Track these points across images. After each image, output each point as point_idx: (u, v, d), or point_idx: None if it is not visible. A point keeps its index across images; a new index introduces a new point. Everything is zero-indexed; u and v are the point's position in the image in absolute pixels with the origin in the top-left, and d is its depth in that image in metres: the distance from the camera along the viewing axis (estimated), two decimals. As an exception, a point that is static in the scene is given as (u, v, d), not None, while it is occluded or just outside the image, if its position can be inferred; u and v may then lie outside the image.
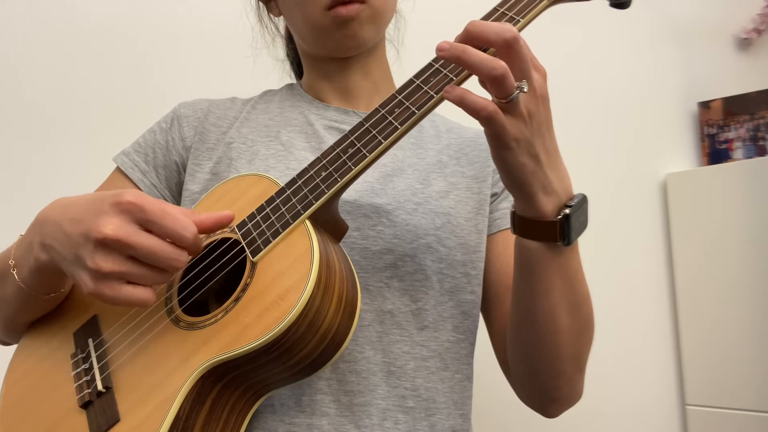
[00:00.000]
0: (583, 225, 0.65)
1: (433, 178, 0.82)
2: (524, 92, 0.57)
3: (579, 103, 1.74)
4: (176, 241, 0.59)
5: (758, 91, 1.80)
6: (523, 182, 0.62)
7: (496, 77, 0.56)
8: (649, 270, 1.81)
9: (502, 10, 0.66)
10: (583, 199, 0.64)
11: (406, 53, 1.02)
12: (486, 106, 0.57)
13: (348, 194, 0.74)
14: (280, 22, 0.98)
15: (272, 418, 0.68)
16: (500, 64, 0.56)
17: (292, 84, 0.95)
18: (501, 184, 0.86)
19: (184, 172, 0.84)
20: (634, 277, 1.78)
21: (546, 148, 0.62)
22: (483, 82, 0.59)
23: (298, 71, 1.01)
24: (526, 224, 0.65)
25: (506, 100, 0.57)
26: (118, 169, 0.86)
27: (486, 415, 0.94)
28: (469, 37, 0.59)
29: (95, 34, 1.26)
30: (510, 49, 0.57)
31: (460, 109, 0.58)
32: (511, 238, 0.72)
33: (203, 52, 1.33)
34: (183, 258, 0.59)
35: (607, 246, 1.74)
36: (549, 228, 0.63)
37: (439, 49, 0.59)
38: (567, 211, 0.62)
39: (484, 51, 0.58)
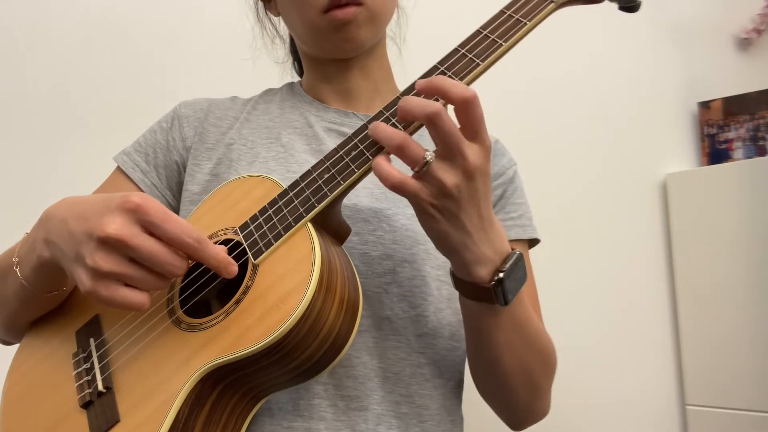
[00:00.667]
0: (521, 281, 0.66)
1: None
2: (430, 162, 0.58)
3: (579, 103, 1.74)
4: (177, 245, 0.58)
5: (758, 91, 1.80)
6: (451, 251, 0.63)
7: (394, 147, 0.59)
8: (649, 270, 1.81)
9: (509, 12, 0.66)
10: (518, 258, 0.64)
11: (408, 50, 1.02)
12: (389, 175, 0.58)
13: (348, 198, 0.74)
14: (280, 21, 0.98)
15: (270, 422, 0.68)
16: (398, 136, 0.59)
17: (292, 83, 0.94)
18: (496, 193, 0.85)
19: (185, 172, 0.84)
20: (634, 277, 1.78)
21: (477, 220, 0.61)
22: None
23: (299, 69, 1.00)
24: (464, 286, 0.66)
25: (416, 170, 0.59)
26: (119, 169, 0.85)
27: (477, 420, 0.95)
28: (400, 114, 0.60)
29: (96, 34, 1.26)
30: (433, 123, 0.57)
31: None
32: None
33: (204, 52, 1.33)
34: (182, 265, 0.59)
35: (607, 246, 1.74)
36: (485, 292, 0.64)
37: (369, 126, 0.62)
38: (500, 275, 0.62)
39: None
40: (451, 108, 0.60)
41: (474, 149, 0.59)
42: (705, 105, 1.89)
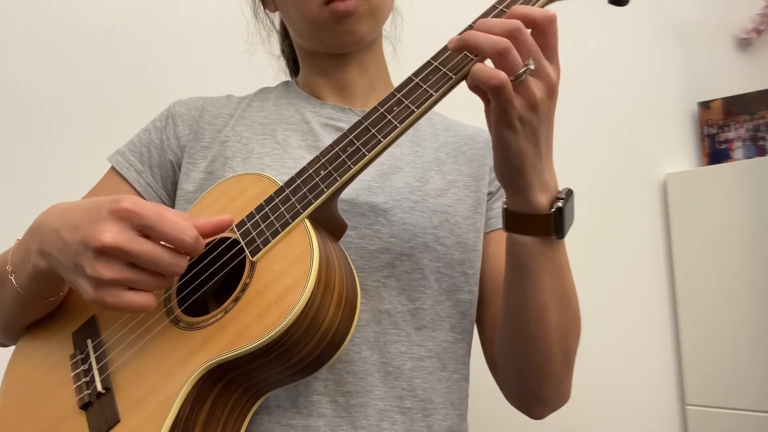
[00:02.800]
0: (572, 218, 0.66)
1: (431, 175, 0.81)
2: (531, 69, 0.58)
3: (579, 103, 1.74)
4: (175, 245, 0.58)
5: (758, 91, 1.80)
6: (520, 171, 0.62)
7: (499, 51, 0.57)
8: (649, 270, 1.81)
9: (500, 7, 0.66)
10: (570, 192, 0.65)
11: (403, 50, 1.02)
12: (497, 74, 0.57)
13: (345, 193, 0.73)
14: (276, 17, 0.98)
15: (268, 419, 0.68)
16: (504, 40, 0.57)
17: (287, 81, 0.94)
18: (497, 183, 0.86)
19: (179, 171, 0.83)
20: (634, 276, 1.78)
21: (546, 143, 0.63)
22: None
23: (294, 68, 1.00)
24: (520, 219, 0.65)
25: (514, 78, 0.58)
26: (113, 169, 0.85)
27: (482, 415, 0.94)
28: (480, 29, 0.60)
29: (90, 32, 1.26)
30: (516, 39, 0.58)
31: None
32: (504, 238, 0.72)
33: (199, 50, 1.33)
34: (183, 263, 0.59)
35: (607, 246, 1.74)
36: (543, 221, 0.64)
37: (450, 43, 0.62)
38: (560, 203, 0.63)
39: None
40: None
41: (553, 69, 0.60)
42: (705, 105, 1.89)
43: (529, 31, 0.60)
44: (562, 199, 0.63)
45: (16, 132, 1.19)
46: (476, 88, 0.61)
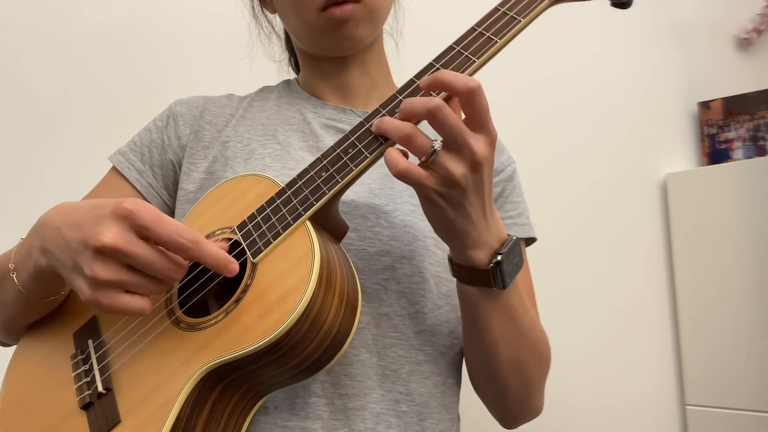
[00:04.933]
0: (518, 266, 0.66)
1: None
2: (437, 150, 0.59)
3: (579, 103, 1.74)
4: (173, 248, 0.58)
5: (758, 91, 1.80)
6: (452, 237, 0.64)
7: (401, 138, 0.59)
8: (649, 270, 1.81)
9: (503, 9, 0.66)
10: (515, 243, 0.65)
11: (405, 45, 1.02)
12: (396, 163, 0.59)
13: (345, 194, 0.73)
14: (276, 18, 0.98)
15: (265, 420, 0.67)
16: (406, 126, 0.59)
17: (288, 80, 0.94)
18: (497, 189, 0.85)
19: (180, 170, 0.83)
20: (634, 277, 1.78)
21: (480, 208, 0.62)
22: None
23: (297, 66, 0.99)
24: (462, 271, 0.66)
25: (423, 159, 0.59)
26: (114, 169, 0.85)
27: (477, 418, 0.94)
28: (402, 114, 0.61)
29: (92, 34, 1.26)
30: (435, 118, 0.58)
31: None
32: None
33: (201, 51, 1.33)
34: (180, 269, 0.59)
35: (607, 246, 1.74)
36: (483, 275, 0.64)
37: (372, 126, 0.64)
38: (498, 258, 0.63)
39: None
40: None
41: (480, 140, 0.59)
42: (705, 105, 1.89)
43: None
44: (501, 253, 0.63)
45: (16, 132, 1.19)
46: None
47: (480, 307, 0.68)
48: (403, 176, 0.59)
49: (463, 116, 0.60)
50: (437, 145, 0.59)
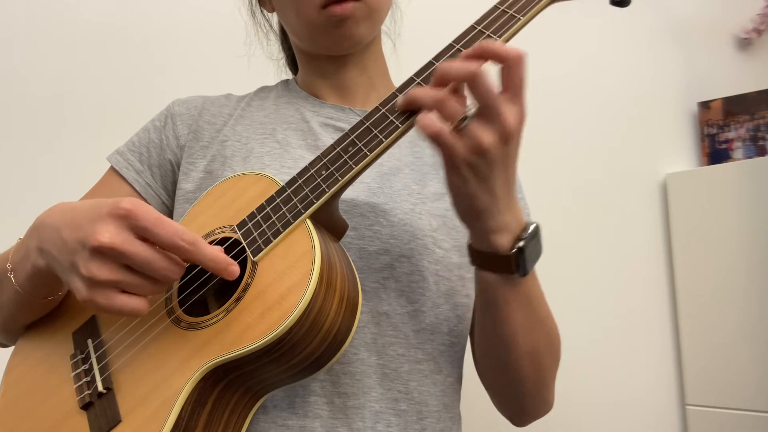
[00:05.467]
0: (538, 253, 0.66)
1: (429, 179, 0.81)
2: (470, 116, 0.58)
3: (579, 103, 1.74)
4: (171, 249, 0.58)
5: (758, 91, 1.80)
6: (474, 216, 0.62)
7: (435, 102, 0.59)
8: (649, 270, 1.81)
9: (502, 8, 0.66)
10: (536, 229, 0.64)
11: (403, 45, 1.01)
12: (431, 125, 0.58)
13: (345, 193, 0.73)
14: (273, 17, 0.97)
15: (264, 419, 0.67)
16: (439, 92, 0.59)
17: (287, 80, 0.94)
18: None
19: (179, 170, 0.83)
20: (634, 277, 1.78)
21: (504, 186, 0.61)
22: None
23: (294, 66, 1.00)
24: (483, 257, 0.65)
25: (453, 126, 0.58)
26: (113, 169, 0.85)
27: (478, 417, 0.94)
28: (437, 77, 0.61)
29: (90, 34, 1.26)
30: (474, 83, 0.58)
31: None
32: None
33: (199, 50, 1.33)
34: (177, 270, 0.59)
35: (607, 246, 1.74)
36: (505, 261, 0.63)
37: (398, 101, 0.63)
38: (521, 243, 0.62)
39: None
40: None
41: (513, 111, 0.59)
42: (705, 105, 1.89)
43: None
44: (524, 239, 0.63)
45: (15, 132, 1.19)
46: None
47: (499, 294, 0.67)
48: (434, 137, 0.58)
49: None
50: (469, 111, 0.58)
